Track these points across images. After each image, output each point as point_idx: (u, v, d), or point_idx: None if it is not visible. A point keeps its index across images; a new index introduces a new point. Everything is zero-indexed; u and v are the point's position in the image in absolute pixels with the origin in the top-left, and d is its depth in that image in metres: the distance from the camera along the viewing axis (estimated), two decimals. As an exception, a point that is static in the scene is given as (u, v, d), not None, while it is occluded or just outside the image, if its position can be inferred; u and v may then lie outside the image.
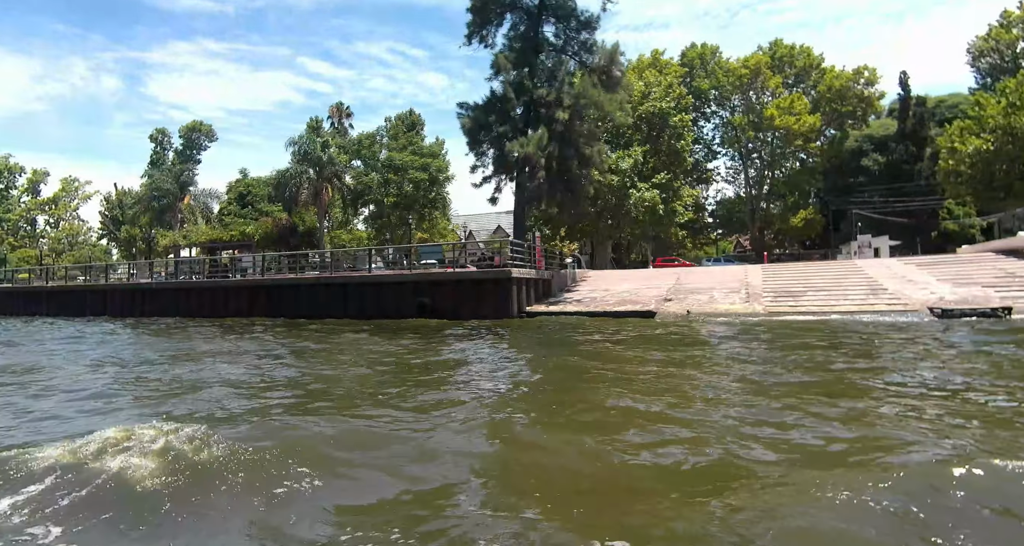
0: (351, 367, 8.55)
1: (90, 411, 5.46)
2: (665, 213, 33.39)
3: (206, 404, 5.62)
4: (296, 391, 6.50)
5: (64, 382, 7.26)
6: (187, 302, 25.08)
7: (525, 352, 10.03)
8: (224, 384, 6.84)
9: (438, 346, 11.20)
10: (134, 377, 7.84)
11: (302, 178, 30.90)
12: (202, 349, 11.44)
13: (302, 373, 7.92)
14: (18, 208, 78.67)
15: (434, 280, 20.56)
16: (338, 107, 67.37)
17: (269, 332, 15.62)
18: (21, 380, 7.55)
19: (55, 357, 10.36)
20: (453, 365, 8.42)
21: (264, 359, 9.59)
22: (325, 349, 11.04)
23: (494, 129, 21.16)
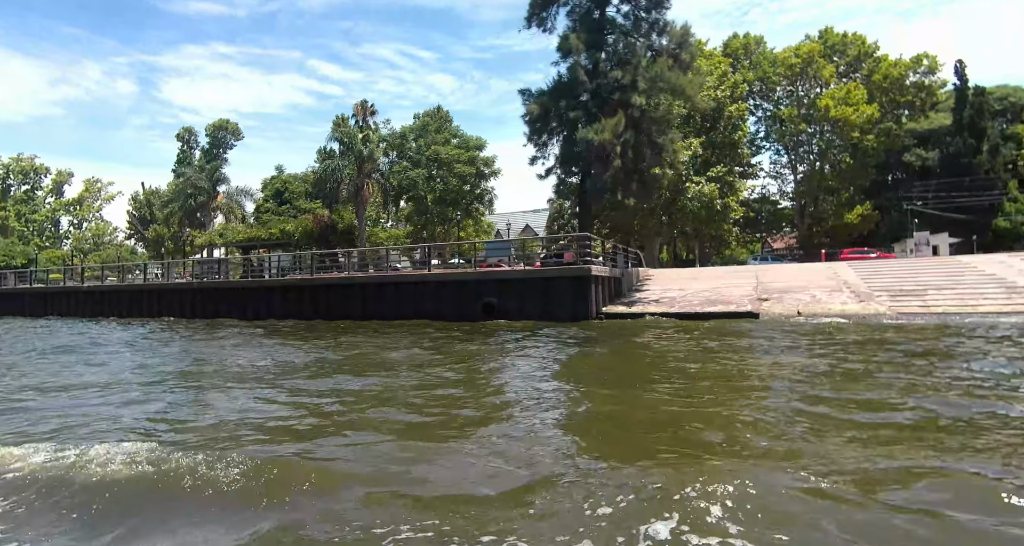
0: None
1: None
2: (721, 209, 31.57)
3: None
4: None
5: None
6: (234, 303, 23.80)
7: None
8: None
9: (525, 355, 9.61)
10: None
11: (343, 173, 29.52)
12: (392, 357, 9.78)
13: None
14: (43, 209, 78.89)
15: (501, 279, 19.03)
16: (362, 105, 66.17)
17: (369, 335, 14.17)
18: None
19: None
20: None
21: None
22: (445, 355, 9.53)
23: (563, 115, 19.55)
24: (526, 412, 5.04)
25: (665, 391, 5.81)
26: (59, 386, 6.99)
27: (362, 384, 6.81)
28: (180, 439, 4.32)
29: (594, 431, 4.38)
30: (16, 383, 7.37)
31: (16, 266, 47.72)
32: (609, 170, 19.02)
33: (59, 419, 5.07)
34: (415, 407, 5.37)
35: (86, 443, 3.93)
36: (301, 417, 5.04)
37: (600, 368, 8.16)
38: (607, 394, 5.81)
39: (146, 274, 28.28)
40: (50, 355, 10.94)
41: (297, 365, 8.70)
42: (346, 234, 30.56)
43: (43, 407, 5.69)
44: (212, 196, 37.42)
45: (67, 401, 6.01)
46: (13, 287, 33.57)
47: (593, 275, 17.63)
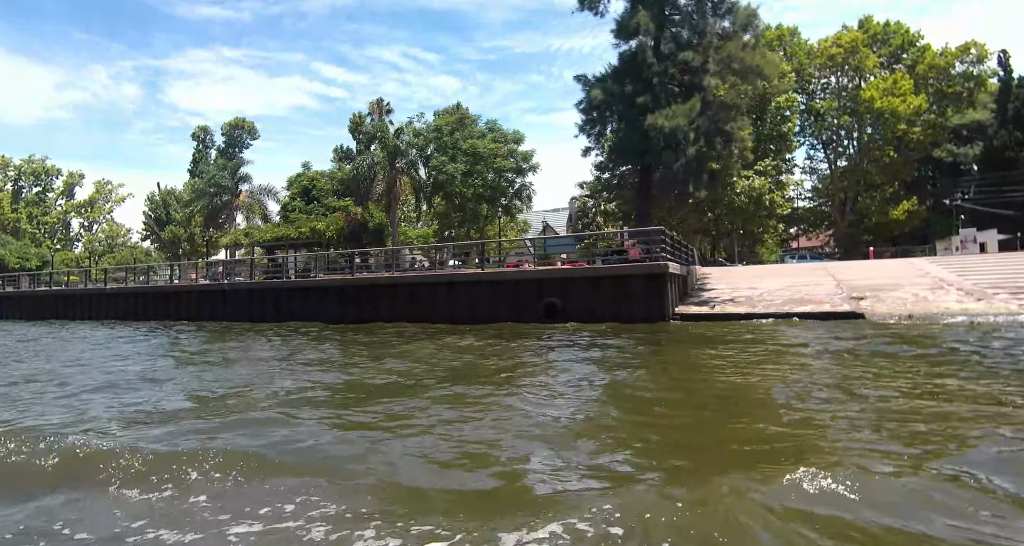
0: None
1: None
2: (769, 204, 30.07)
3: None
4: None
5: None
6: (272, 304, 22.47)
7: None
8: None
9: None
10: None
11: (376, 169, 28.16)
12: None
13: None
14: (55, 211, 78.05)
15: (565, 277, 17.62)
16: (378, 103, 65.08)
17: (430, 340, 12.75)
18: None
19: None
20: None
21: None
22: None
23: (628, 101, 18.11)
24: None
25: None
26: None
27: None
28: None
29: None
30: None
31: (30, 268, 46.67)
32: (680, 159, 17.54)
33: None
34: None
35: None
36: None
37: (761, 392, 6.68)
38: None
39: (173, 276, 26.99)
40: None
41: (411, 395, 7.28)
42: (376, 233, 29.21)
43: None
44: (235, 194, 36.20)
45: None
46: (31, 289, 32.37)
47: (670, 273, 16.21)
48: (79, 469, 3.36)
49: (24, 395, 6.58)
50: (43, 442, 3.83)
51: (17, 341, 15.79)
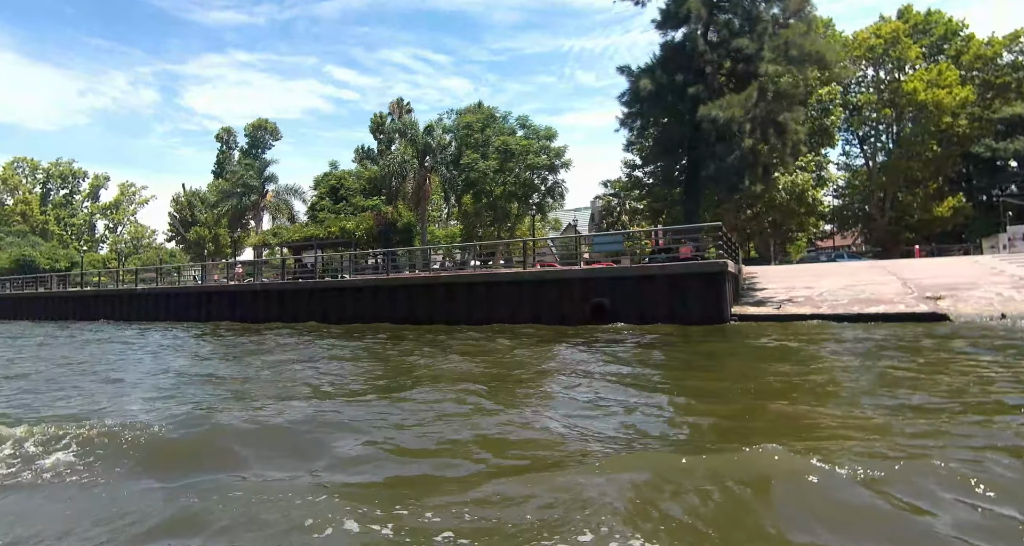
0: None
1: None
2: (811, 201, 28.91)
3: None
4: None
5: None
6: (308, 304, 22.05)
7: None
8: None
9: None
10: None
11: (406, 167, 27.59)
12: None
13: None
14: (81, 213, 79.31)
15: (613, 276, 16.82)
16: (398, 103, 64.91)
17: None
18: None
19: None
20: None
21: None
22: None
23: (678, 91, 17.27)
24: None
25: None
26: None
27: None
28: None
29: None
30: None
31: (59, 269, 47.15)
32: (735, 152, 16.65)
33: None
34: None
35: None
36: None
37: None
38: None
39: (204, 276, 26.78)
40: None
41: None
42: (404, 232, 28.68)
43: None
44: (262, 194, 36.03)
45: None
46: (63, 290, 32.47)
47: (728, 272, 15.36)
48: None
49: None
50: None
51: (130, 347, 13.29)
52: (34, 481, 3.34)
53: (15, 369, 9.55)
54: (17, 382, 7.91)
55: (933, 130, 35.79)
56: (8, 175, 71.92)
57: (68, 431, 4.01)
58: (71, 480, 3.34)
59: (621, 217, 54.90)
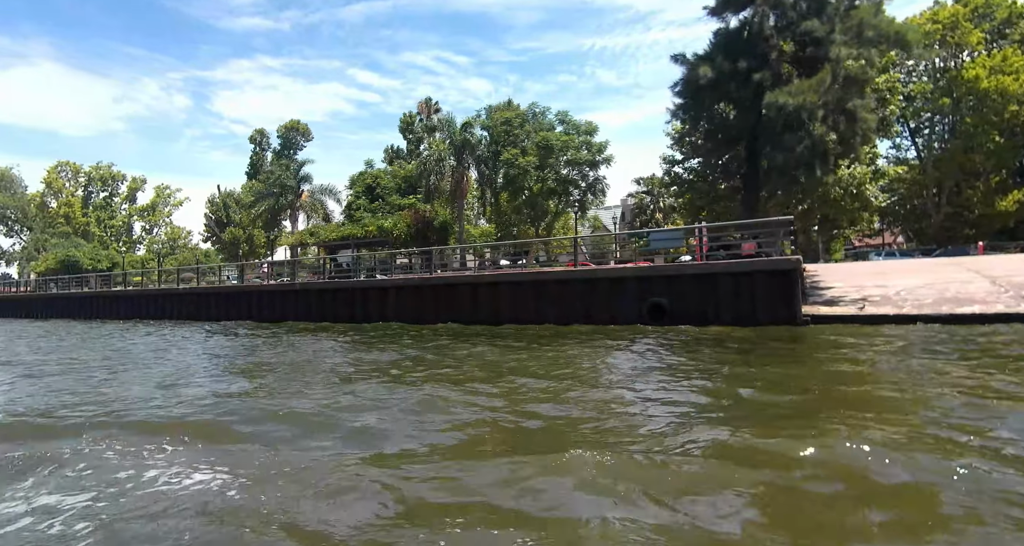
0: None
1: None
2: (866, 196, 27.35)
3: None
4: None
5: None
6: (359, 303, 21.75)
7: None
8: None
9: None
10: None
11: (444, 165, 27.13)
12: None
13: None
14: (120, 214, 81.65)
15: (671, 274, 15.90)
16: (427, 102, 64.85)
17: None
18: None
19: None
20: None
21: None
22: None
23: (743, 78, 16.25)
24: None
25: None
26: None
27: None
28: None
29: None
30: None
31: (102, 269, 48.33)
32: (804, 141, 15.56)
33: None
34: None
35: None
36: None
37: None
38: None
39: (242, 276, 26.80)
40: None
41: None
42: (441, 231, 28.20)
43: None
44: (298, 194, 36.12)
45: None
46: (109, 290, 33.01)
47: (800, 269, 14.32)
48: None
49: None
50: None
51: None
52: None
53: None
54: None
55: (995, 120, 33.64)
56: (52, 179, 74.42)
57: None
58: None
59: (655, 215, 53.57)
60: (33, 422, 5.34)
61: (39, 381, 8.38)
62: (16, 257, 73.80)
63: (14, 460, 3.84)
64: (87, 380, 8.35)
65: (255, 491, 3.12)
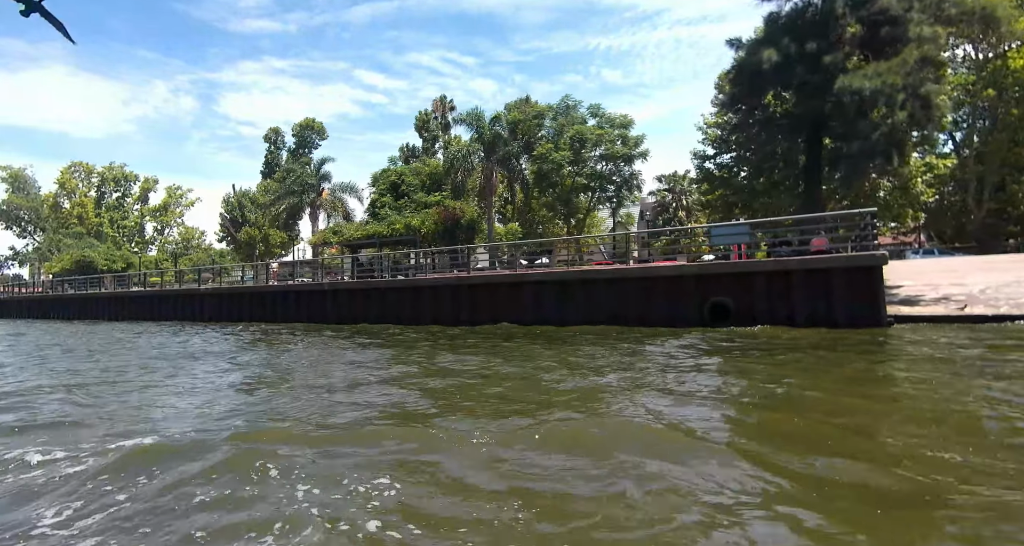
0: None
1: None
2: (915, 192, 26.11)
3: None
4: None
5: None
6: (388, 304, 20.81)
7: None
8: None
9: None
10: None
11: (471, 160, 26.16)
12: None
13: None
14: (132, 215, 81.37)
15: (737, 272, 14.79)
16: (441, 101, 64.07)
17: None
18: None
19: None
20: None
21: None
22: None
23: (808, 62, 15.14)
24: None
25: None
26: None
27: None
28: None
29: None
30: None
31: (116, 270, 47.76)
32: (881, 128, 14.43)
33: None
34: None
35: None
36: None
37: None
38: None
39: (268, 275, 25.97)
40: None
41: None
42: (468, 229, 27.23)
43: None
44: (318, 192, 35.29)
45: None
46: (127, 290, 32.28)
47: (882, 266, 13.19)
48: None
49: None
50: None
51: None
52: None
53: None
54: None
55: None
56: (66, 179, 74.19)
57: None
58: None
59: (678, 213, 52.38)
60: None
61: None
62: (28, 258, 73.64)
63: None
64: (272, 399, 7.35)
65: None
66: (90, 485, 3.59)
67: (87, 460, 4.08)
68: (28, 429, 5.30)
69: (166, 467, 3.83)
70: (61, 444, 4.61)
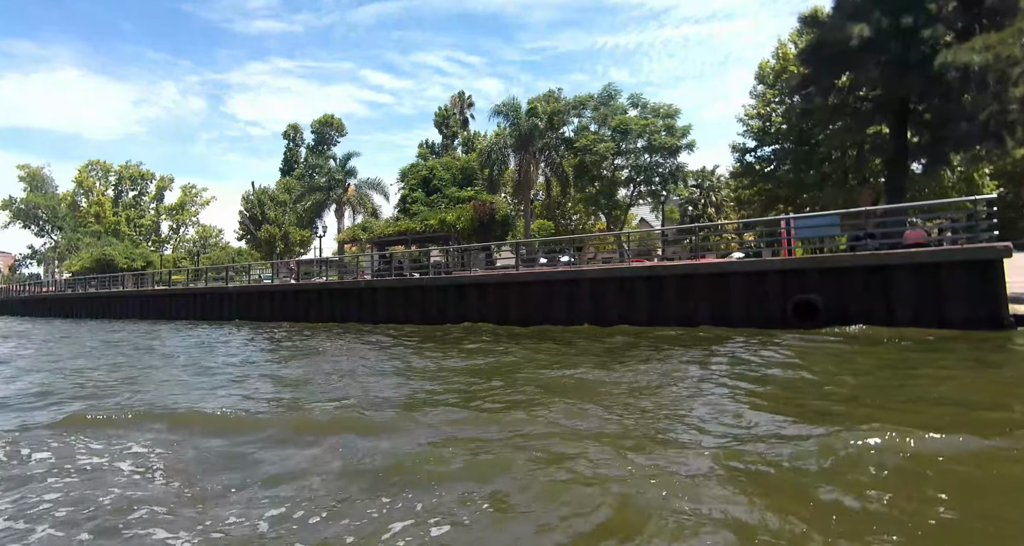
0: None
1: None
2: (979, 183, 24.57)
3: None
4: None
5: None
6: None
7: None
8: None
9: None
10: None
11: (506, 153, 25.01)
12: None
13: None
14: (149, 214, 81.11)
15: (827, 267, 13.49)
16: (460, 96, 62.98)
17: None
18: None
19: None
20: None
21: None
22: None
23: (906, 36, 13.78)
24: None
25: None
26: None
27: None
28: None
29: None
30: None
31: (136, 268, 47.18)
32: (991, 107, 13.05)
33: None
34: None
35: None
36: None
37: None
38: None
39: (298, 274, 25.04)
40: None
41: None
42: (503, 224, 26.07)
43: None
44: (344, 189, 34.29)
45: None
46: (152, 288, 31.48)
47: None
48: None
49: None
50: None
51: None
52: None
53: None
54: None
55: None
56: (83, 178, 74.02)
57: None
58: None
59: (707, 209, 50.87)
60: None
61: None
62: (46, 257, 73.55)
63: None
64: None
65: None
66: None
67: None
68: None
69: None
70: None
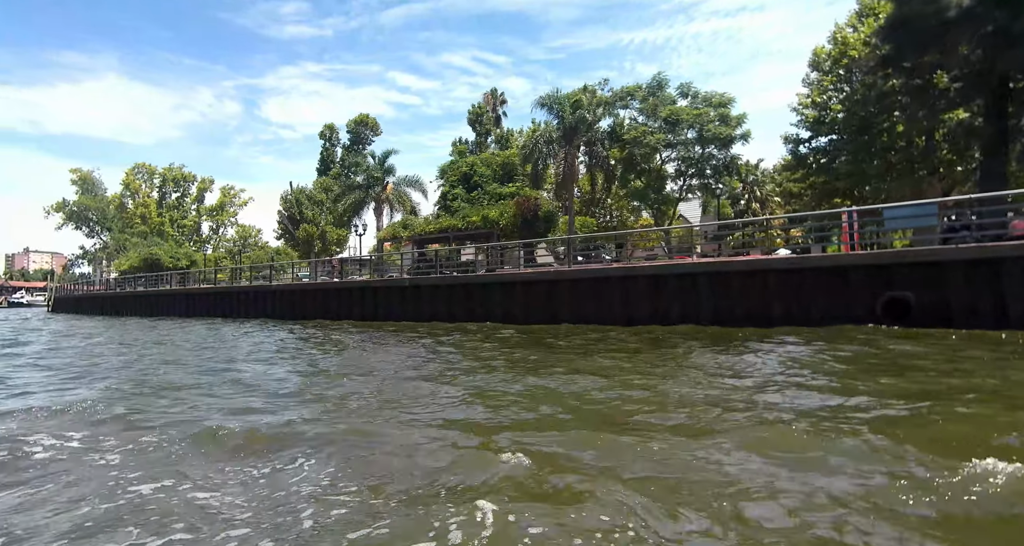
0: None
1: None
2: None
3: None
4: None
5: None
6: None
7: None
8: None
9: None
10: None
11: (553, 147, 24.23)
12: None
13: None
14: (191, 215, 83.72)
15: (921, 261, 12.27)
16: (492, 94, 62.45)
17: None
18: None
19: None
20: None
21: None
22: None
23: (1015, 6, 12.38)
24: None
25: None
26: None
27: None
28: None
29: None
30: None
31: (181, 267, 48.46)
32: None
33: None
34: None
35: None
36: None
37: None
38: None
39: (342, 273, 24.92)
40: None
41: None
42: (547, 220, 25.34)
43: None
44: (383, 186, 34.27)
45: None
46: (199, 287, 32.05)
47: None
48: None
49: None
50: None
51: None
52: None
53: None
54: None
55: None
56: (130, 180, 76.78)
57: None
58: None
59: (751, 204, 48.90)
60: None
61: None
62: (96, 257, 76.67)
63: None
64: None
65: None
66: None
67: None
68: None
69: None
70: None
